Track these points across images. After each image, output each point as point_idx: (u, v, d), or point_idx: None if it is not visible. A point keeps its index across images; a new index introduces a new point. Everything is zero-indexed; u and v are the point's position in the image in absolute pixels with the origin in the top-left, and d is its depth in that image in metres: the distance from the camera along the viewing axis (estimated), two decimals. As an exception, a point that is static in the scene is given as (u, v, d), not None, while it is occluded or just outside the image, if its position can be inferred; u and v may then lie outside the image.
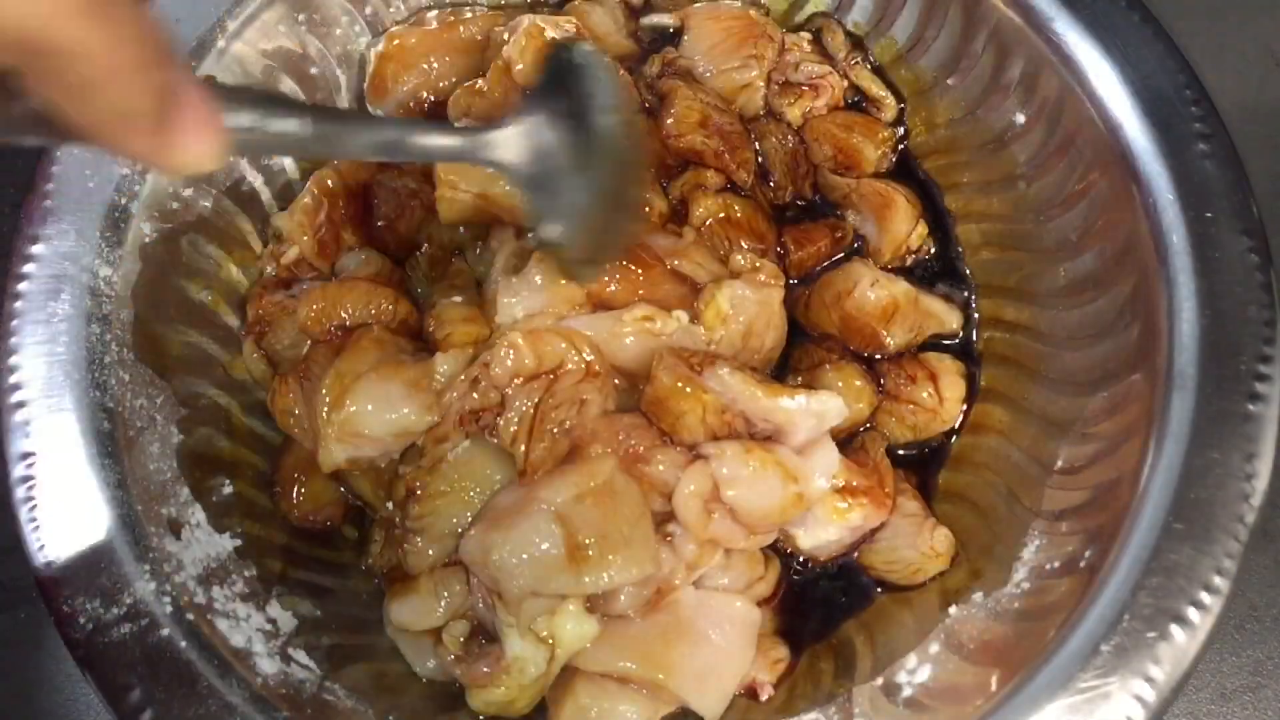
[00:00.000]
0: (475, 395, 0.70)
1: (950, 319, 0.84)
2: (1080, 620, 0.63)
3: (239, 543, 0.71)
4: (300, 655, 0.68)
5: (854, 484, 0.73)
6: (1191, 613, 0.62)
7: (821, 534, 0.74)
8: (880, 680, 0.69)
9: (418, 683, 0.72)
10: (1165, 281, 0.70)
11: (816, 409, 0.69)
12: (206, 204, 0.79)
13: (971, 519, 0.77)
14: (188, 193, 0.78)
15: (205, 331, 0.78)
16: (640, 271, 0.74)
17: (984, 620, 0.70)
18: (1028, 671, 0.63)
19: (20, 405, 0.67)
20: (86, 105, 0.38)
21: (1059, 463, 0.73)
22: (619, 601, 0.68)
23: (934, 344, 0.84)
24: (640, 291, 0.74)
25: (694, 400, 0.68)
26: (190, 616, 0.64)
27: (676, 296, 0.75)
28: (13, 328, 0.69)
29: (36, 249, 0.70)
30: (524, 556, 0.64)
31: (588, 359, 0.70)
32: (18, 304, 0.69)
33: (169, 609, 0.64)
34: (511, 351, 0.69)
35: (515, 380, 0.70)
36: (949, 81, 0.86)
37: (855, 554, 0.77)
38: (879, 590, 0.77)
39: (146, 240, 0.74)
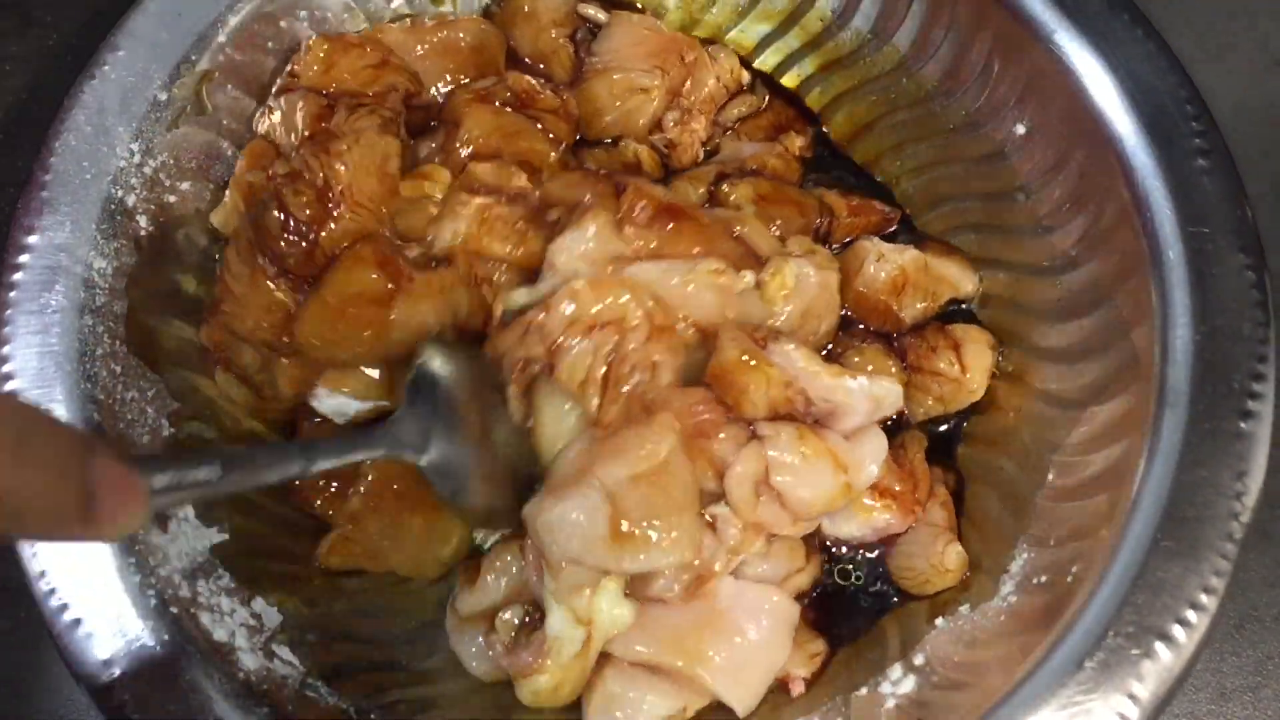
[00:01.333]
0: (528, 344, 0.71)
1: (964, 281, 0.83)
2: (1065, 635, 0.63)
3: (226, 537, 0.71)
4: (284, 651, 0.68)
5: (887, 484, 0.73)
6: (1177, 630, 0.62)
7: (844, 526, 0.74)
8: (864, 691, 0.69)
9: (402, 680, 0.72)
10: (1160, 297, 0.70)
11: (877, 393, 0.69)
12: (204, 197, 0.80)
13: (962, 530, 0.77)
14: (184, 186, 0.78)
15: (199, 325, 0.77)
16: (700, 230, 0.74)
17: (970, 633, 0.69)
18: (1012, 685, 0.62)
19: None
20: (16, 523, 0.42)
21: (1049, 476, 0.73)
22: (658, 584, 0.68)
23: (956, 312, 0.84)
24: (698, 249, 0.74)
25: (758, 374, 0.68)
26: (174, 610, 0.64)
27: (737, 258, 0.75)
28: (5, 318, 0.69)
29: (31, 240, 0.71)
30: (569, 527, 0.65)
31: (651, 313, 0.70)
32: (11, 294, 0.69)
33: (153, 602, 0.64)
34: (574, 300, 0.70)
35: (571, 327, 0.70)
36: (950, 90, 0.85)
37: (880, 551, 0.77)
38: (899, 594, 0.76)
39: (142, 233, 0.74)
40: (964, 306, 0.84)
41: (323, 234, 0.71)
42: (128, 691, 0.61)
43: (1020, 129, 0.81)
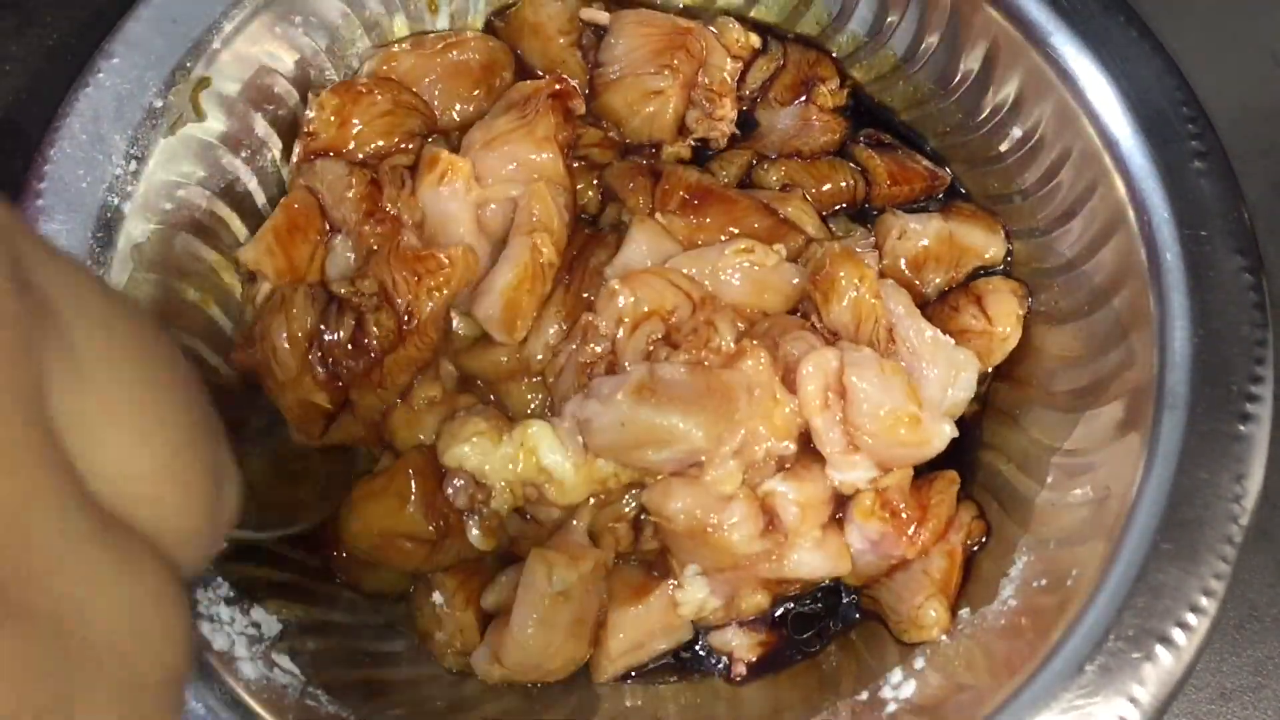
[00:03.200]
0: (587, 348, 0.70)
1: (990, 246, 0.81)
2: (1065, 639, 0.63)
3: (224, 545, 0.71)
4: (284, 660, 0.67)
5: (892, 498, 0.71)
6: (1177, 634, 0.62)
7: (849, 527, 0.72)
8: (865, 695, 0.69)
9: (402, 689, 0.72)
10: (1158, 300, 0.70)
11: (958, 360, 0.70)
12: (200, 205, 0.79)
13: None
14: (181, 194, 0.78)
15: (197, 334, 0.77)
16: (729, 209, 0.76)
17: (970, 637, 0.69)
18: (1011, 689, 0.63)
19: (8, 405, 0.67)
20: None
21: (1048, 479, 0.73)
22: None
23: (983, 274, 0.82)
24: (730, 228, 0.75)
25: (858, 268, 0.69)
26: (173, 620, 0.64)
27: (767, 231, 0.75)
28: (2, 328, 0.68)
29: (28, 249, 0.70)
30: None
31: (689, 291, 0.71)
32: (8, 304, 0.69)
33: (152, 612, 0.64)
34: (612, 298, 0.70)
35: (623, 323, 0.70)
36: (945, 95, 0.85)
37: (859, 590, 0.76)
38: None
39: (139, 242, 0.74)
40: (995, 271, 0.82)
41: (387, 359, 0.73)
42: (127, 702, 0.61)
43: (1016, 131, 0.81)
